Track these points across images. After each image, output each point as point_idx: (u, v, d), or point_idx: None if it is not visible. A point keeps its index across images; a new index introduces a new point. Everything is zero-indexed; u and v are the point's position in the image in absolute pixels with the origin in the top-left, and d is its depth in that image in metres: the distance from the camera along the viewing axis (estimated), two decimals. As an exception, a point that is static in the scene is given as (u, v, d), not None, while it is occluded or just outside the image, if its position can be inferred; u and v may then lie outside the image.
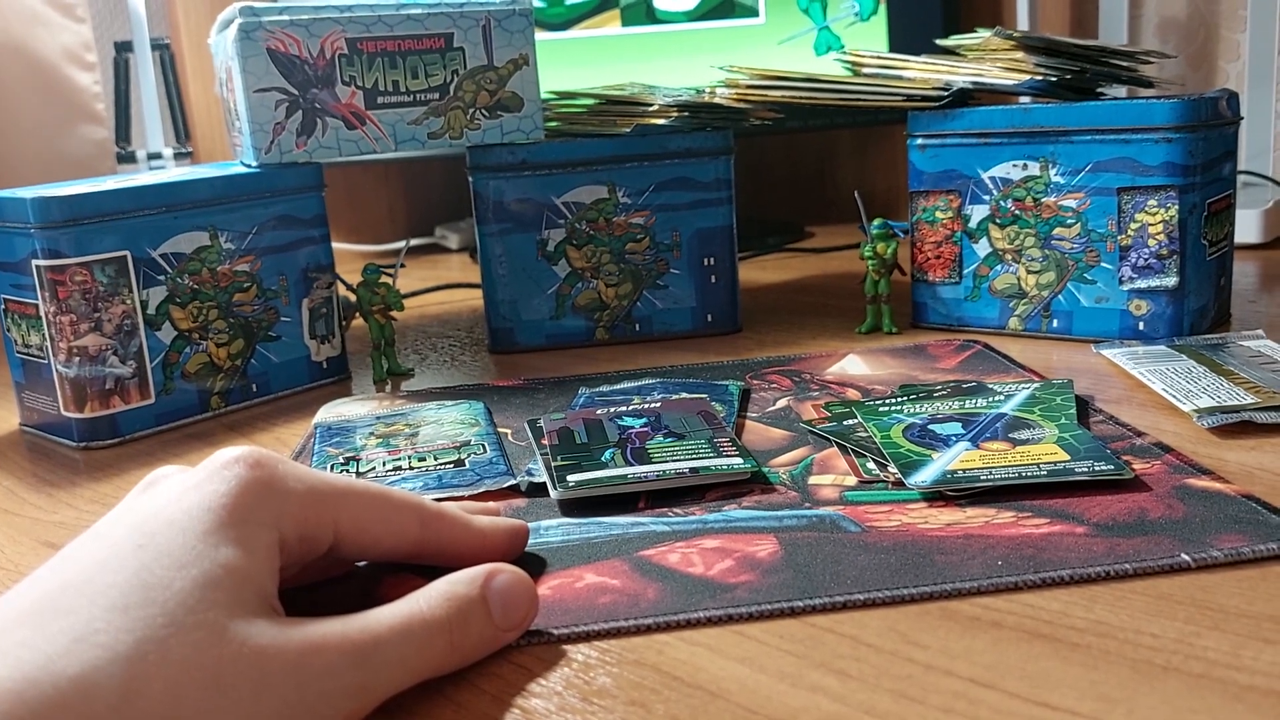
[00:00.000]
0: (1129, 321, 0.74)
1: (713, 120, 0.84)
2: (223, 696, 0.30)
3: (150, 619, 0.30)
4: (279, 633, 0.32)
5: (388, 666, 0.34)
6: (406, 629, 0.34)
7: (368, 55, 0.76)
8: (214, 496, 0.35)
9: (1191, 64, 1.25)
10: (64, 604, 0.31)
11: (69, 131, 1.20)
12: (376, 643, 0.34)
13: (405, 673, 0.34)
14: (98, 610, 0.30)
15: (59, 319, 0.66)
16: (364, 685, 0.33)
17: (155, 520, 0.34)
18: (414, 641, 0.35)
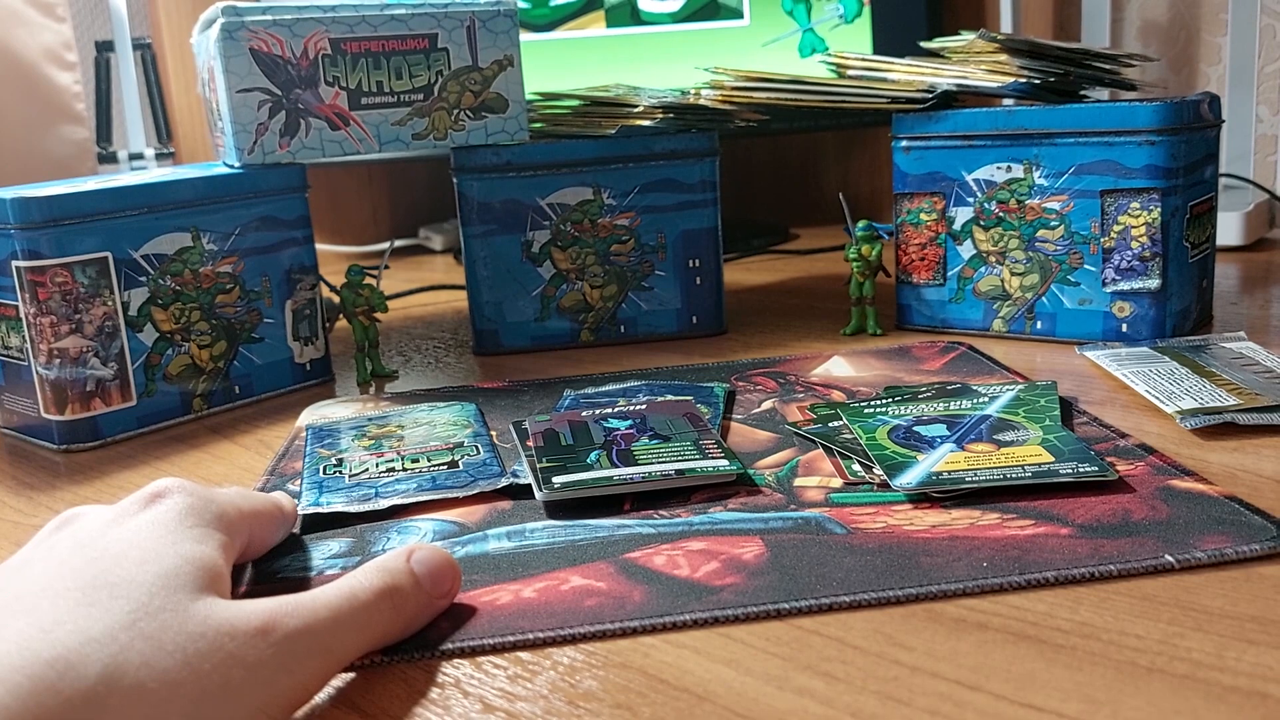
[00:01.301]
0: (1112, 323, 0.74)
1: (698, 122, 0.84)
2: (195, 667, 0.31)
3: (116, 609, 0.31)
4: (240, 607, 0.34)
5: (342, 630, 0.35)
6: (352, 596, 0.36)
7: (351, 56, 0.76)
8: (161, 513, 0.38)
9: (1173, 67, 1.26)
10: (22, 607, 0.31)
11: (49, 131, 1.20)
12: (330, 610, 0.35)
13: (359, 637, 0.36)
14: (62, 607, 0.31)
15: (39, 320, 0.65)
16: (325, 648, 0.35)
17: (101, 540, 0.36)
18: (361, 608, 0.36)
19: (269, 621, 0.33)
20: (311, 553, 0.48)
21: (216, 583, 0.35)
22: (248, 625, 0.33)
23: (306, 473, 0.57)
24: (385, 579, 0.38)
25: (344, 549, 0.48)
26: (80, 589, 0.32)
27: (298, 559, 0.47)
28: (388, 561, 0.39)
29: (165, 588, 0.33)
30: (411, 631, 0.39)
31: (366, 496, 0.53)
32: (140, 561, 0.34)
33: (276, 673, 0.33)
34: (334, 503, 0.52)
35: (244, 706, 0.32)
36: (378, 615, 0.37)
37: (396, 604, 0.38)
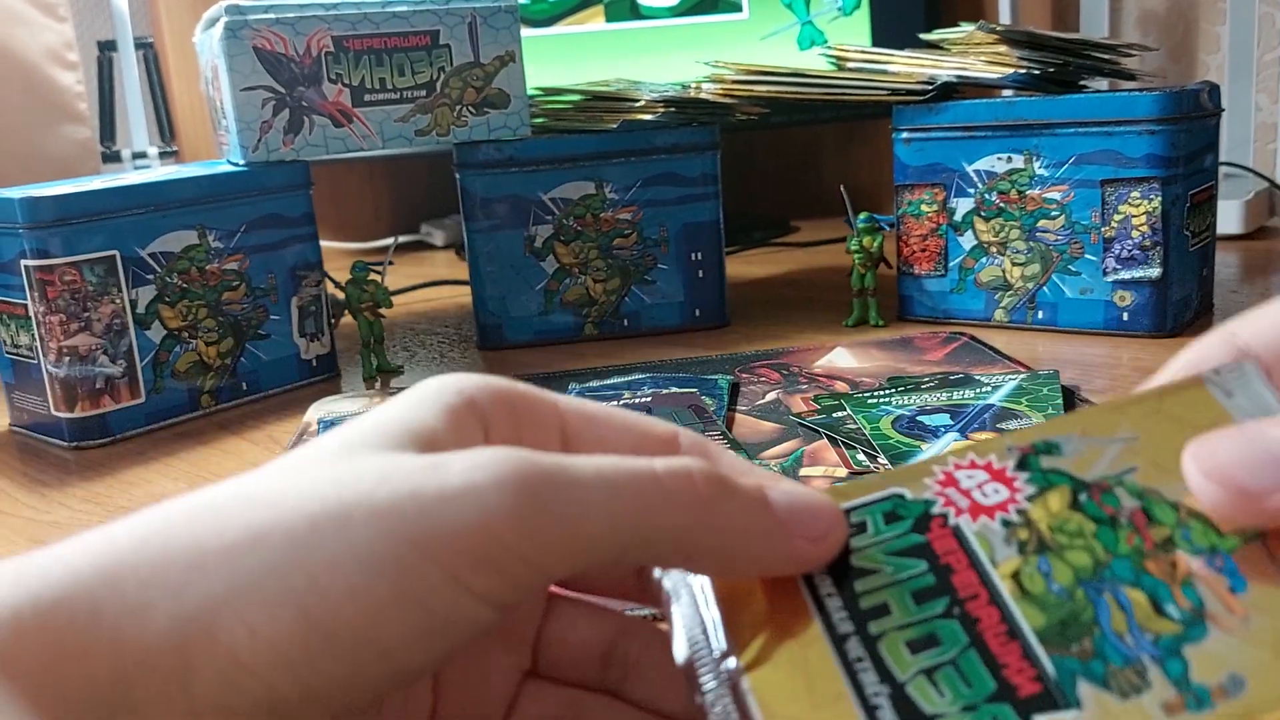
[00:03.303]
0: (1113, 312, 0.75)
1: (698, 115, 0.84)
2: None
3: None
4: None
5: (611, 498, 0.23)
6: (645, 466, 0.24)
7: (354, 53, 0.76)
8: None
9: (1172, 56, 1.26)
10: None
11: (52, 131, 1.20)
12: (600, 470, 0.23)
13: (635, 515, 0.23)
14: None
15: (48, 319, 0.66)
16: (577, 515, 0.23)
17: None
18: (649, 480, 0.23)
19: (502, 456, 0.23)
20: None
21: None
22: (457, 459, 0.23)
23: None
24: (704, 467, 0.24)
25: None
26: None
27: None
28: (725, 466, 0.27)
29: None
30: (734, 561, 0.25)
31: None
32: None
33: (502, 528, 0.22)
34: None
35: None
36: (674, 502, 0.23)
37: (710, 498, 0.24)
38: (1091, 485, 0.24)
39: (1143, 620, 0.22)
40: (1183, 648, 0.22)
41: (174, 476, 0.62)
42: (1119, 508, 0.24)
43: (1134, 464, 0.24)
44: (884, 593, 0.23)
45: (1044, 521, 0.24)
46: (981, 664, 0.22)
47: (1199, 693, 0.21)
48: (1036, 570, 0.23)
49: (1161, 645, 0.22)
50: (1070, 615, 0.22)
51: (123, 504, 0.58)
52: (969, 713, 0.21)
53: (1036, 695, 0.21)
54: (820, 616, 0.23)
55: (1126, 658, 0.22)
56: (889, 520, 0.24)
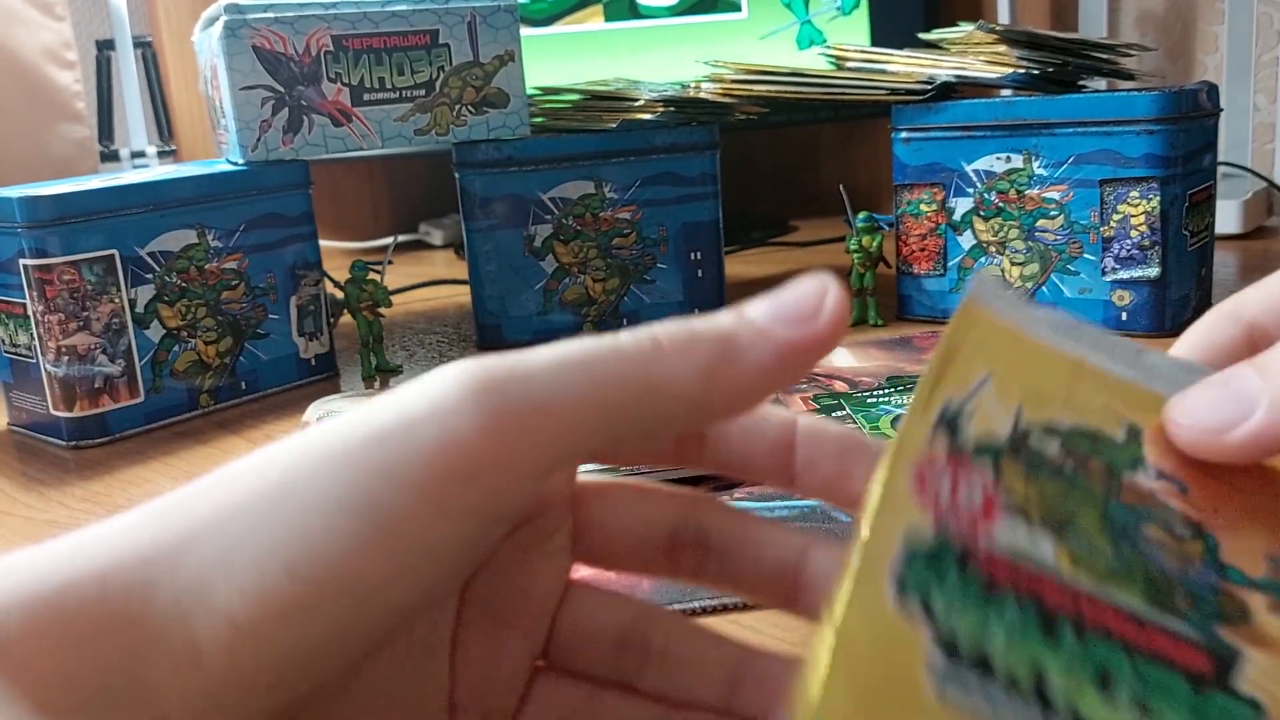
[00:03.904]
0: (1112, 312, 0.75)
1: (698, 115, 0.84)
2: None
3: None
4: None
5: (574, 375, 0.22)
6: (613, 340, 0.23)
7: (353, 52, 0.76)
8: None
9: (1170, 57, 1.27)
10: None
11: (49, 130, 1.20)
12: (563, 354, 0.22)
13: (614, 389, 0.22)
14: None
15: (47, 318, 0.66)
16: (544, 400, 0.21)
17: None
18: (620, 350, 0.23)
19: (472, 369, 0.22)
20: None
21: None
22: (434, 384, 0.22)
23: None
24: (671, 324, 0.23)
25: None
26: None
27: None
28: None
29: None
30: (733, 391, 0.23)
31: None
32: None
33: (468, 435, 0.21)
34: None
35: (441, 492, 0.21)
36: (641, 358, 0.22)
37: (678, 342, 0.23)
38: (1017, 444, 0.23)
39: (1177, 550, 0.22)
40: (1220, 556, 0.22)
41: (173, 476, 0.62)
42: (1050, 455, 0.23)
43: (1017, 402, 0.23)
44: (1007, 656, 0.20)
45: (1031, 501, 0.22)
46: (1155, 669, 0.20)
47: (1264, 584, 0.21)
48: (1080, 549, 0.21)
49: (1208, 564, 0.21)
50: (1145, 577, 0.21)
51: (121, 503, 0.58)
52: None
53: (1215, 668, 0.20)
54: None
55: (1210, 587, 0.21)
56: (931, 567, 0.21)
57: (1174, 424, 0.24)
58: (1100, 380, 0.25)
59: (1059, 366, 0.25)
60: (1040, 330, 0.25)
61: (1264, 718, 0.20)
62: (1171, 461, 0.24)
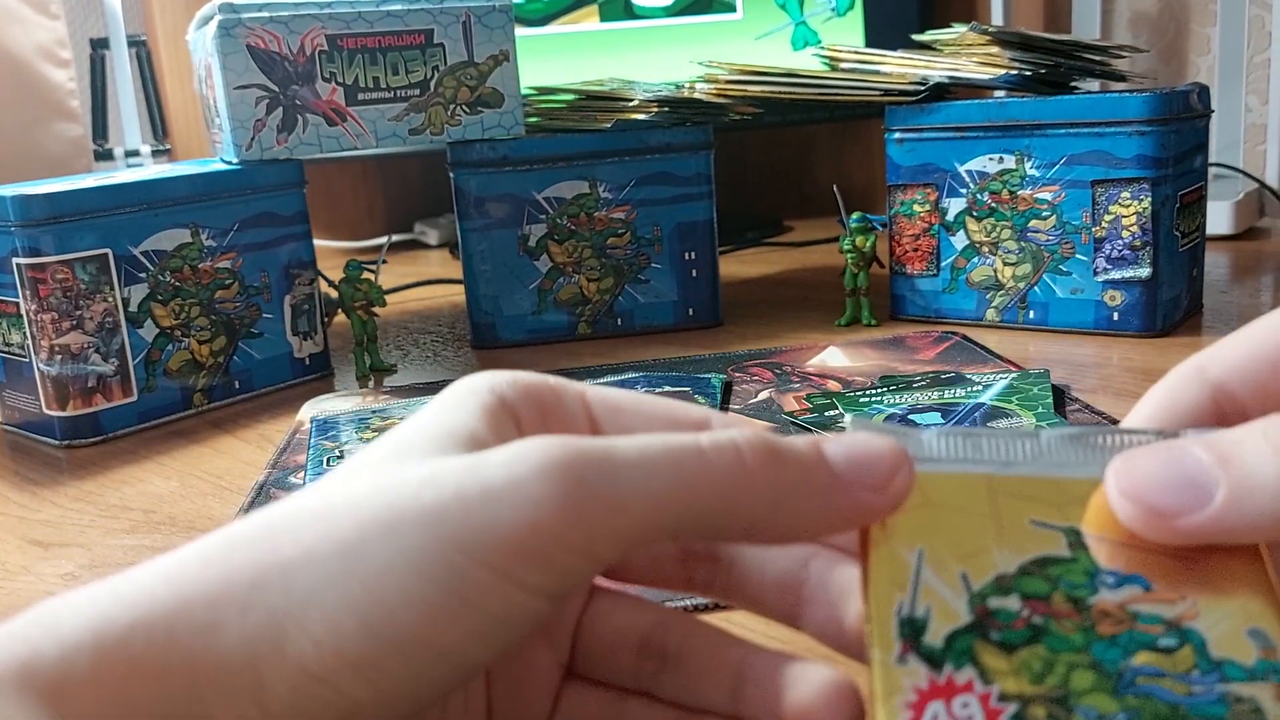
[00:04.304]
0: (1104, 312, 0.75)
1: (692, 115, 0.84)
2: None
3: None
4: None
5: (653, 475, 0.23)
6: (689, 441, 0.24)
7: (348, 52, 0.76)
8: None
9: (1163, 58, 1.27)
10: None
11: (44, 129, 1.20)
12: (640, 450, 0.23)
13: (678, 490, 0.23)
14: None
15: (40, 317, 0.66)
16: (622, 497, 0.22)
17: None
18: (692, 453, 0.23)
19: (539, 445, 0.23)
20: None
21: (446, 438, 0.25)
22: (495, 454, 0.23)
23: (310, 465, 0.58)
24: (753, 435, 0.24)
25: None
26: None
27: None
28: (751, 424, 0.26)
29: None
30: (795, 523, 0.24)
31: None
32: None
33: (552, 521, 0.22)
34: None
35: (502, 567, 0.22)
36: (722, 471, 0.23)
37: (766, 455, 0.24)
38: (982, 621, 0.23)
39: (1172, 668, 0.22)
40: (1210, 653, 0.22)
41: (166, 475, 0.62)
42: (1014, 612, 0.23)
43: (959, 570, 0.23)
44: None
45: (1023, 683, 0.22)
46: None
47: (1262, 671, 0.21)
48: (1091, 715, 0.21)
49: (1204, 670, 0.22)
50: (1153, 714, 0.21)
51: (114, 503, 0.58)
52: None
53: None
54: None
55: (1218, 699, 0.21)
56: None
57: (1120, 503, 0.23)
58: (1016, 490, 0.24)
59: (973, 493, 0.24)
60: (936, 456, 0.25)
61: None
62: (1123, 556, 0.23)
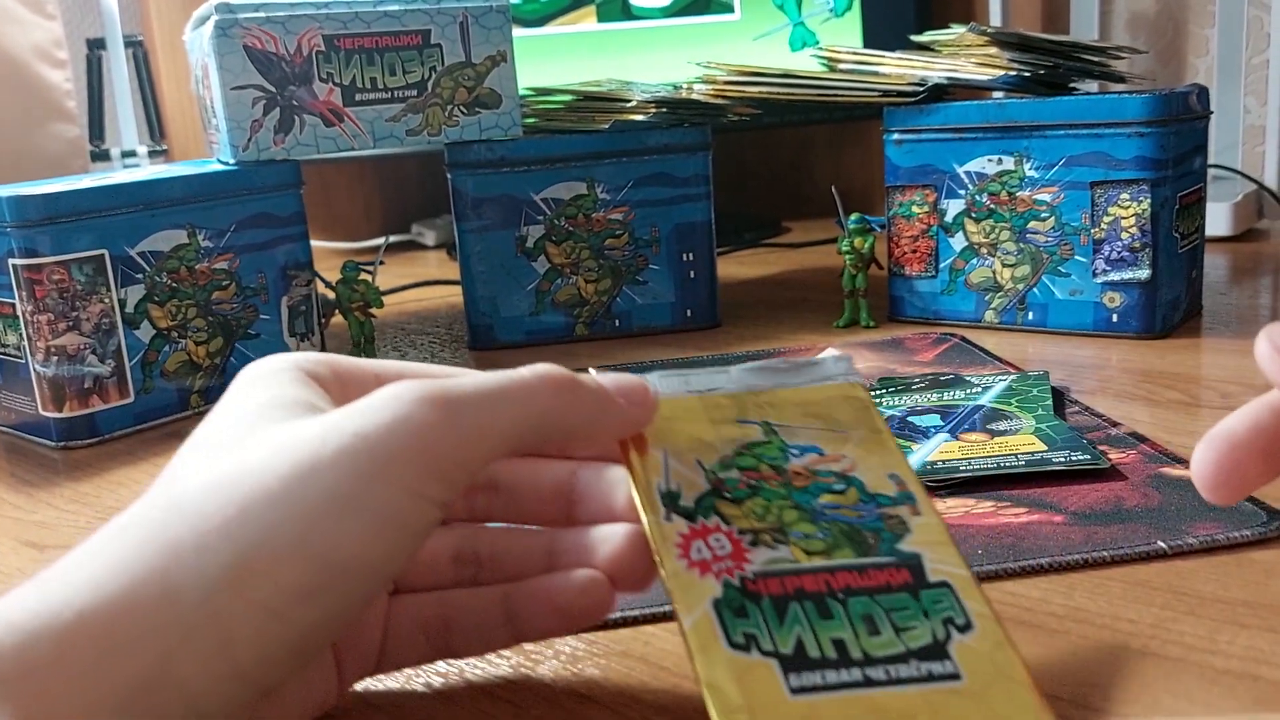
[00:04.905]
0: (1103, 314, 0.75)
1: (690, 116, 0.84)
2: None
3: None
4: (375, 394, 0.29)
5: (503, 401, 0.29)
6: (512, 374, 0.30)
7: (345, 52, 0.76)
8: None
9: (1161, 59, 1.27)
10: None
11: (40, 129, 1.20)
12: (485, 382, 0.30)
13: (523, 409, 0.30)
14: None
15: (36, 318, 0.66)
16: (486, 418, 0.29)
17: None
18: (522, 384, 0.30)
19: (389, 389, 0.28)
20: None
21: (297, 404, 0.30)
22: (364, 400, 0.28)
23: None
24: (550, 367, 0.31)
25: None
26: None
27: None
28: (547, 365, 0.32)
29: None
30: (594, 426, 0.32)
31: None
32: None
33: (438, 436, 0.28)
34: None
35: (403, 476, 0.27)
36: (540, 389, 0.30)
37: (564, 384, 0.31)
38: (717, 487, 0.32)
39: (846, 502, 0.32)
40: (869, 490, 0.32)
41: (163, 476, 0.61)
42: (737, 480, 0.32)
43: (695, 458, 0.32)
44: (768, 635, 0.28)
45: (752, 523, 0.31)
46: (888, 597, 0.29)
47: (901, 498, 0.32)
48: (801, 541, 0.30)
49: (866, 501, 0.32)
50: (845, 536, 0.31)
51: (110, 504, 0.58)
52: (928, 620, 0.29)
53: (912, 574, 0.30)
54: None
55: (877, 519, 0.31)
56: (738, 614, 0.28)
57: (1266, 345, 0.30)
58: (722, 403, 0.34)
59: (694, 409, 0.34)
60: (665, 390, 0.34)
61: (952, 591, 0.30)
62: (798, 436, 0.33)
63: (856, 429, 0.34)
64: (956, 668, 0.28)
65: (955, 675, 0.27)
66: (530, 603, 0.33)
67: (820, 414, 0.34)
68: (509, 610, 0.33)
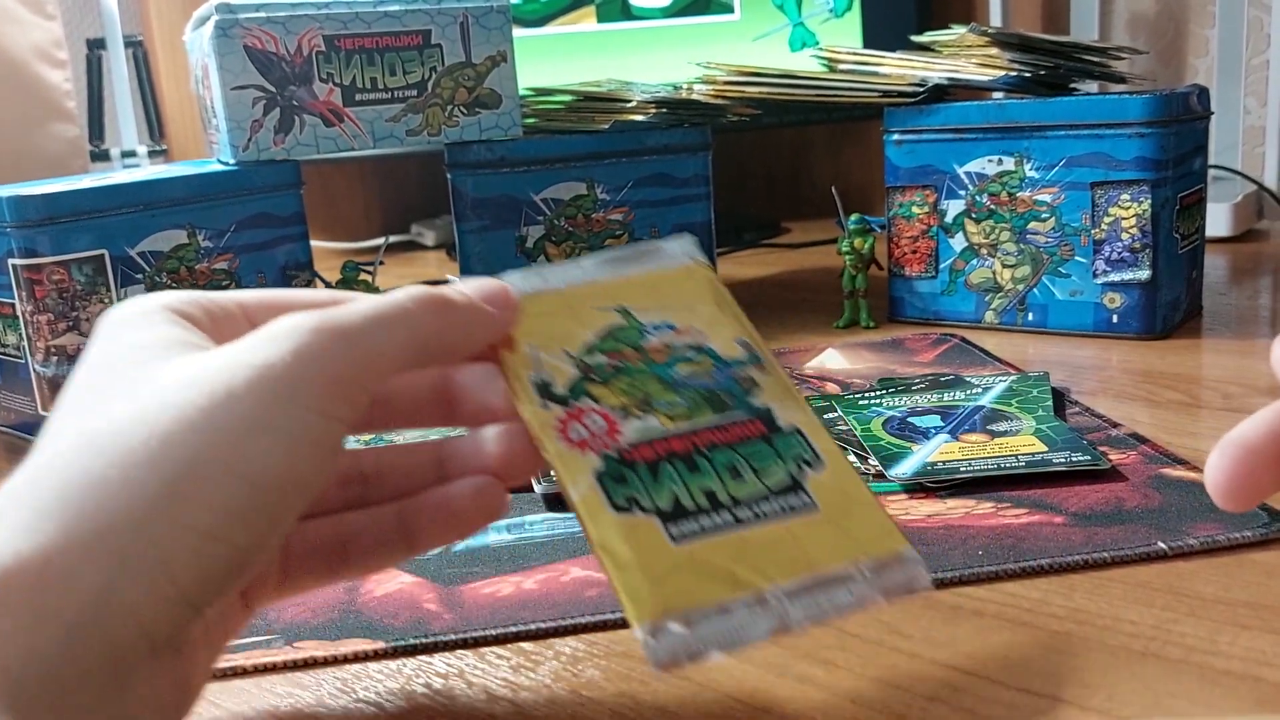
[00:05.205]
0: (1103, 314, 0.75)
1: (690, 116, 0.84)
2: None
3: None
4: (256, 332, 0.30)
5: (383, 325, 0.31)
6: (386, 298, 0.32)
7: (345, 52, 0.76)
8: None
9: (1161, 59, 1.27)
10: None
11: (40, 129, 1.19)
12: (363, 308, 0.31)
13: (404, 332, 0.31)
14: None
15: (36, 318, 0.66)
16: (369, 342, 0.30)
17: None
18: (398, 307, 0.31)
19: (281, 323, 0.30)
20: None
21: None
22: (256, 336, 0.30)
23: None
24: (421, 289, 0.33)
25: (345, 543, 0.48)
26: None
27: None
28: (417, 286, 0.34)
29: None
30: (470, 338, 0.34)
31: (366, 491, 0.53)
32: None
33: (321, 364, 0.29)
34: (334, 497, 0.52)
35: (296, 404, 0.28)
36: (417, 311, 0.32)
37: (439, 304, 0.32)
38: (585, 371, 0.34)
39: (701, 370, 0.35)
40: (721, 357, 0.35)
41: (163, 477, 0.61)
42: (603, 364, 0.34)
43: (561, 348, 0.34)
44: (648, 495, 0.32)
45: (620, 399, 0.33)
46: (746, 447, 0.33)
47: (749, 360, 0.35)
48: (665, 409, 0.33)
49: (720, 367, 0.35)
50: (704, 399, 0.34)
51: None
52: (783, 462, 0.32)
53: (766, 424, 0.33)
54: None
55: (731, 380, 0.35)
56: (618, 481, 0.32)
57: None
58: (581, 294, 0.36)
59: (556, 303, 0.36)
60: (527, 287, 0.36)
61: (802, 435, 0.33)
62: (653, 317, 0.36)
63: (704, 305, 0.37)
64: (813, 499, 0.32)
65: (812, 506, 0.32)
66: (425, 516, 0.34)
67: (670, 294, 0.37)
68: (404, 525, 0.35)
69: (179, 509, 0.26)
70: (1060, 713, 0.32)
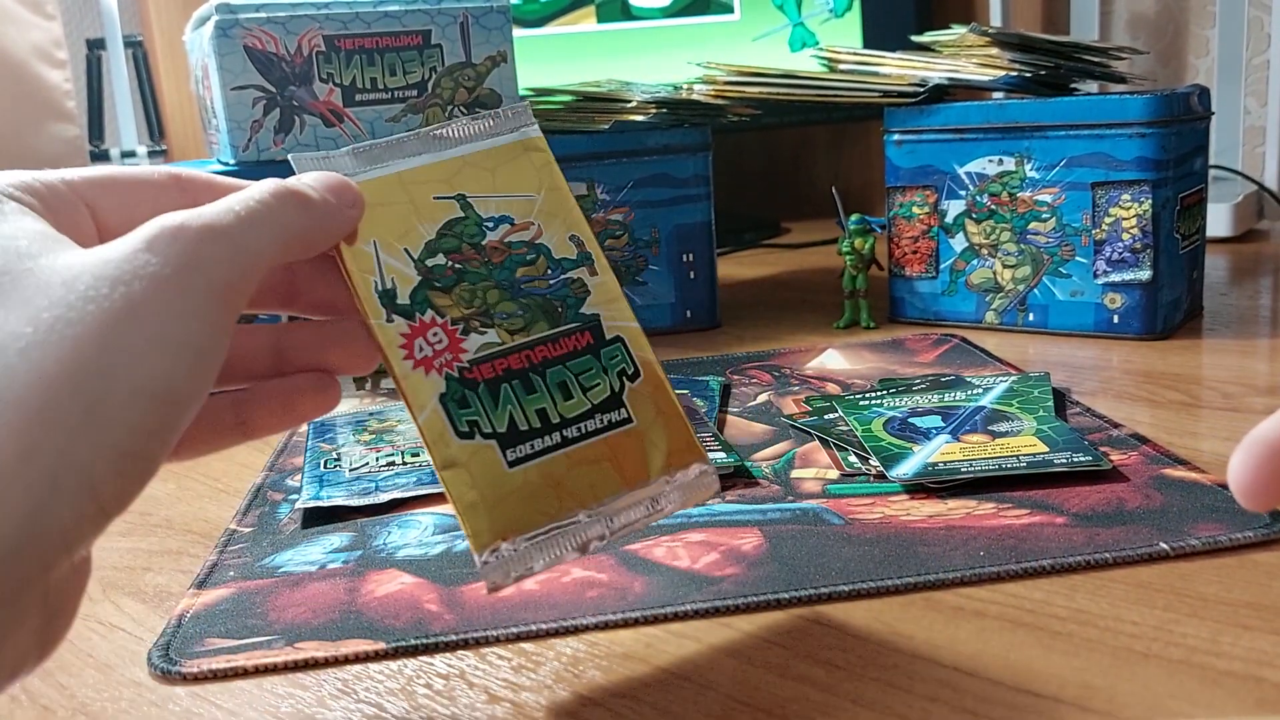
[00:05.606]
0: (1104, 315, 0.75)
1: (690, 117, 0.84)
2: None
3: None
4: (109, 243, 0.30)
5: (249, 224, 0.31)
6: (246, 195, 0.32)
7: (345, 52, 0.76)
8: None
9: (1162, 59, 1.27)
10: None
11: (40, 129, 1.19)
12: (225, 207, 0.31)
13: (270, 229, 0.32)
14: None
15: (36, 319, 0.65)
16: (236, 243, 0.30)
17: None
18: (260, 203, 0.32)
19: (160, 229, 0.29)
20: (312, 547, 0.48)
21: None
22: (136, 242, 0.29)
23: (307, 467, 0.57)
24: (272, 181, 0.33)
25: (345, 543, 0.48)
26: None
27: (299, 553, 0.47)
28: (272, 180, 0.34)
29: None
30: (327, 236, 0.34)
31: (367, 490, 0.53)
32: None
33: (193, 272, 0.29)
34: (334, 496, 0.52)
35: (179, 315, 0.29)
36: (281, 209, 0.32)
37: (299, 200, 0.33)
38: (425, 276, 0.35)
39: (536, 272, 0.35)
40: (555, 255, 0.36)
41: (163, 477, 0.61)
42: (442, 265, 0.35)
43: (402, 247, 0.35)
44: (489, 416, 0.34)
45: (461, 309, 0.34)
46: (576, 361, 0.35)
47: (581, 260, 0.36)
48: (504, 321, 0.34)
49: (553, 269, 0.36)
50: (540, 310, 0.35)
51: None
52: (606, 376, 0.35)
53: (594, 335, 0.35)
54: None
55: (563, 285, 0.36)
56: (460, 404, 0.33)
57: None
58: (418, 178, 0.36)
59: (393, 189, 0.35)
60: (360, 170, 0.36)
61: (624, 345, 0.35)
62: (491, 207, 0.36)
63: (539, 189, 0.37)
64: (629, 413, 0.34)
65: (629, 420, 0.34)
66: (261, 408, 0.36)
67: (508, 176, 0.37)
68: (239, 415, 0.36)
69: (103, 431, 0.27)
70: (1062, 713, 0.32)
